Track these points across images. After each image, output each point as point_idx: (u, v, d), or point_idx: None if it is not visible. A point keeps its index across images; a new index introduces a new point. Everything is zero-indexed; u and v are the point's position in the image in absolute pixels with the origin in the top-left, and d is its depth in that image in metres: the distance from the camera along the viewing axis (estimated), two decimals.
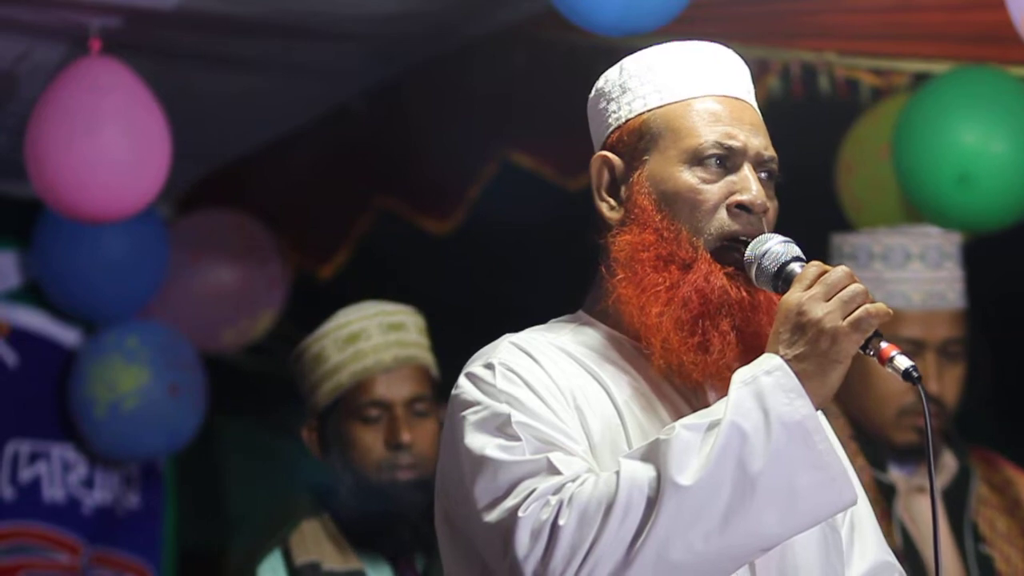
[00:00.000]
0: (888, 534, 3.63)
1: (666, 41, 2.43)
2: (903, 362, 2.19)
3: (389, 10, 4.38)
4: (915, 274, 3.76)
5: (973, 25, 3.94)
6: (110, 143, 4.17)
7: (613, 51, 2.44)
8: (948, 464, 3.77)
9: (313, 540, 3.52)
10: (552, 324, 2.43)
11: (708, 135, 2.32)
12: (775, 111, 4.24)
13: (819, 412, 2.18)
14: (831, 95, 4.24)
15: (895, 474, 3.73)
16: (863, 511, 2.43)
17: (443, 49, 4.84)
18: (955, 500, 3.73)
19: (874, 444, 3.72)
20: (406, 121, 5.08)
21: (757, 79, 4.27)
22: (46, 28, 4.33)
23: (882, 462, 3.72)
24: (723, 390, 2.26)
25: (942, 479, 3.74)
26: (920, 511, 3.71)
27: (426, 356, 3.60)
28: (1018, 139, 3.93)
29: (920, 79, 4.17)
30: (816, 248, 3.80)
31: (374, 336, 3.55)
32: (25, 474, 5.36)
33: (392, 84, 5.10)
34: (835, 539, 2.38)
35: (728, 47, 2.43)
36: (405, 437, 3.48)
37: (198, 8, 4.23)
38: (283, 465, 4.95)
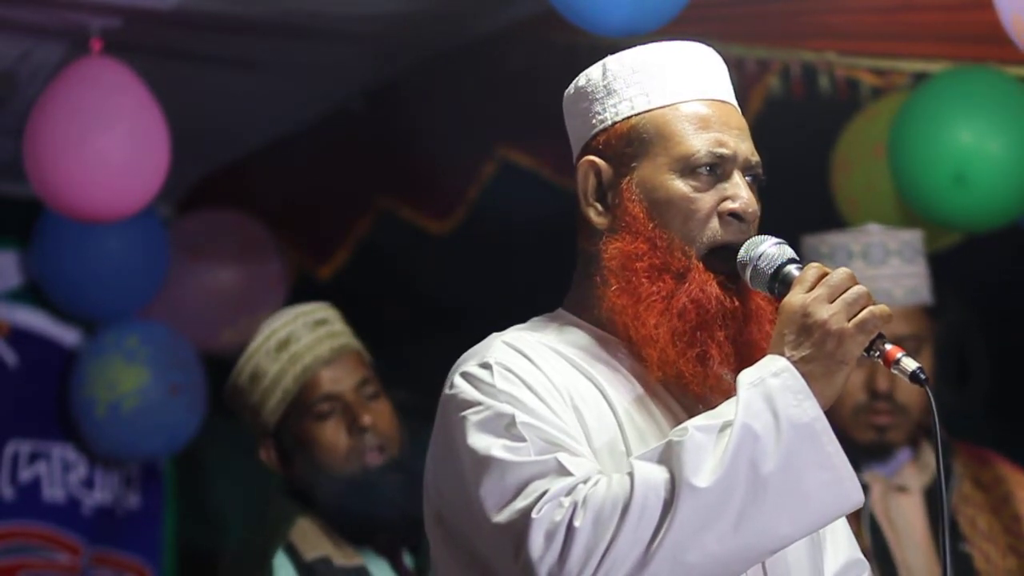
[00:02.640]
0: (857, 534, 3.63)
1: (666, 41, 2.43)
2: (910, 364, 2.21)
3: (389, 10, 4.38)
4: (857, 272, 3.75)
5: (973, 25, 3.94)
6: (110, 143, 4.17)
7: (614, 51, 2.43)
8: (929, 463, 3.75)
9: (315, 536, 3.51)
10: (535, 323, 2.42)
11: (699, 144, 2.31)
12: (775, 111, 4.27)
13: None
14: (831, 95, 4.24)
15: (870, 474, 3.72)
16: None
17: (443, 49, 4.84)
18: (935, 498, 3.72)
19: (847, 445, 3.71)
20: (406, 121, 5.08)
21: (757, 79, 4.31)
22: (46, 28, 4.33)
23: (856, 463, 3.71)
24: (718, 392, 2.26)
25: (923, 478, 3.73)
26: (899, 511, 3.70)
27: (356, 342, 3.62)
28: (1014, 138, 3.93)
29: (920, 79, 4.18)
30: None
31: (304, 336, 3.56)
32: (25, 474, 5.35)
33: (392, 84, 5.10)
34: (817, 537, 2.40)
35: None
36: (366, 420, 3.49)
37: (198, 8, 4.23)
38: None
